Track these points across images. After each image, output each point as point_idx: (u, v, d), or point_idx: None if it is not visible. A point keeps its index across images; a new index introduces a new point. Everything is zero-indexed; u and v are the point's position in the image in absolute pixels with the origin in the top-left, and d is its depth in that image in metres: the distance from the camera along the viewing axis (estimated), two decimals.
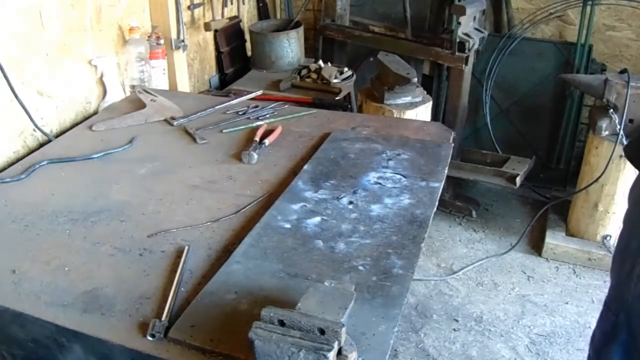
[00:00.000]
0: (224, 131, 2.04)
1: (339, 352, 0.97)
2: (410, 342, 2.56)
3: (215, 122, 2.11)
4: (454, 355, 2.50)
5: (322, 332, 0.94)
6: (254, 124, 2.09)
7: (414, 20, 3.48)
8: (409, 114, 2.53)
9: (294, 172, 1.75)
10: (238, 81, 3.16)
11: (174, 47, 2.67)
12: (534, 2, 3.55)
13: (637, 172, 1.55)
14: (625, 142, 2.72)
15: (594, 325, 2.73)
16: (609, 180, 2.86)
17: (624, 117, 2.72)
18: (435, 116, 3.45)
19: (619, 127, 2.74)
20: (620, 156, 2.78)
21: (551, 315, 2.72)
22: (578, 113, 3.54)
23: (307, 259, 1.32)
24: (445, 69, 3.54)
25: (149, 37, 2.52)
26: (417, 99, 2.62)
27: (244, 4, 3.52)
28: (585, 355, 2.52)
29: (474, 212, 3.48)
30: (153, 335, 1.10)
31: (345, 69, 3.06)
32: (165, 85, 2.61)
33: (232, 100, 2.31)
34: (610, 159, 2.78)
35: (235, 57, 3.45)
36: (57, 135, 2.08)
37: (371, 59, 3.71)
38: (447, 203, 3.51)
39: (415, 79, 2.51)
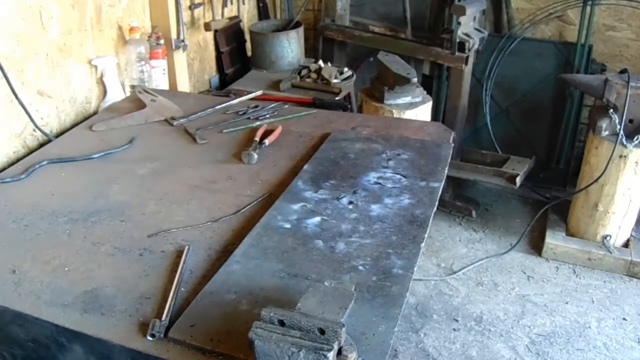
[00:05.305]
0: (224, 131, 2.04)
1: (339, 352, 0.97)
2: (410, 342, 2.57)
3: (215, 122, 2.11)
4: (454, 355, 2.50)
5: (322, 332, 0.94)
6: (254, 124, 2.09)
7: (414, 20, 3.49)
8: (409, 114, 2.53)
9: (294, 172, 1.75)
10: (238, 81, 3.16)
11: (174, 47, 2.67)
12: (534, 2, 3.55)
13: None
14: (625, 142, 2.73)
15: (594, 325, 2.74)
16: (609, 180, 2.86)
17: (624, 117, 2.72)
18: (435, 116, 3.45)
19: (619, 127, 2.73)
20: (620, 156, 2.78)
21: (551, 315, 2.72)
22: (578, 113, 3.55)
23: (307, 259, 1.32)
24: (445, 69, 3.54)
25: (149, 37, 2.52)
26: (417, 99, 2.62)
27: (244, 4, 3.52)
28: (585, 355, 2.53)
29: (474, 212, 3.48)
30: (153, 335, 1.10)
31: (345, 69, 3.06)
32: (165, 85, 2.61)
33: (232, 100, 2.31)
34: (610, 159, 2.78)
35: (235, 57, 3.45)
36: (57, 135, 2.07)
37: (371, 59, 3.72)
38: (447, 203, 3.51)
39: (415, 79, 2.51)
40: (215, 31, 3.24)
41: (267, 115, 2.16)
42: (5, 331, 1.22)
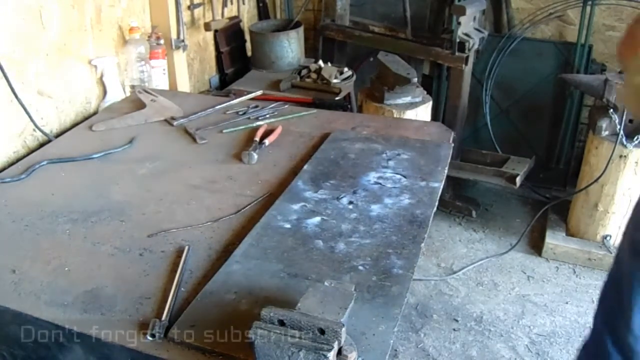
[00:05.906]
0: (224, 131, 2.04)
1: (339, 352, 0.97)
2: (410, 342, 2.56)
3: (215, 122, 2.11)
4: (454, 355, 2.50)
5: (322, 332, 0.94)
6: (254, 124, 2.09)
7: (414, 20, 3.48)
8: (409, 114, 2.53)
9: (294, 172, 1.75)
10: (238, 81, 3.16)
11: (174, 47, 2.67)
12: (534, 2, 3.55)
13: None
14: (625, 142, 2.72)
15: None
16: (609, 180, 2.86)
17: (624, 117, 2.72)
18: (435, 116, 3.45)
19: (619, 127, 2.73)
20: (620, 156, 2.78)
21: (551, 315, 2.72)
22: (578, 113, 3.54)
23: (307, 259, 1.32)
24: (445, 69, 3.54)
25: (149, 37, 2.52)
26: (417, 99, 2.62)
27: (244, 4, 3.52)
28: None
29: (474, 212, 3.48)
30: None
31: (345, 69, 3.06)
32: (165, 85, 2.61)
33: (232, 100, 2.31)
34: (610, 159, 2.77)
35: (235, 57, 3.45)
36: (57, 135, 2.07)
37: (371, 59, 3.71)
38: (447, 203, 3.51)
39: (415, 79, 2.51)
40: (215, 31, 3.24)
41: (267, 115, 2.16)
42: (5, 331, 1.22)
